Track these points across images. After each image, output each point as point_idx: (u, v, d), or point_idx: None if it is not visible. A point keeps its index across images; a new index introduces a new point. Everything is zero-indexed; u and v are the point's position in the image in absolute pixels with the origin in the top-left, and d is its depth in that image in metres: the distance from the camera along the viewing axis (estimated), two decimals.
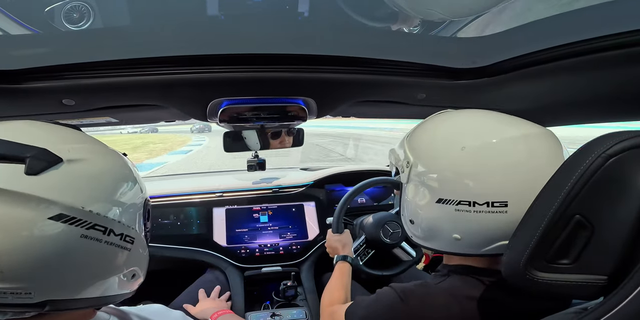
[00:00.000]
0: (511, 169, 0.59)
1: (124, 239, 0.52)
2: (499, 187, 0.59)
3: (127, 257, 0.54)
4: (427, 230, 0.69)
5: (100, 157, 0.53)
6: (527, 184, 0.57)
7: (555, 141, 0.63)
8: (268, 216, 1.63)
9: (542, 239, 0.48)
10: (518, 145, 0.61)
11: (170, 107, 0.87)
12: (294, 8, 0.69)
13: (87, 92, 0.75)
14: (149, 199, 0.63)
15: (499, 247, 0.61)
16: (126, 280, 0.56)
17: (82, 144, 0.53)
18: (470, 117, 0.71)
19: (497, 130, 0.64)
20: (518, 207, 0.57)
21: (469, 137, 0.64)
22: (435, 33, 0.86)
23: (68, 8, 0.64)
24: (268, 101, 0.91)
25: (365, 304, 0.72)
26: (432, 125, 0.73)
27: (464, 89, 0.89)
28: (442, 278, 0.68)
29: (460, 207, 0.61)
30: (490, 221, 0.60)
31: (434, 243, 0.70)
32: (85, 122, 0.96)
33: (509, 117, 0.68)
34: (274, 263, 1.52)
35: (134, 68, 0.69)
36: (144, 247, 0.61)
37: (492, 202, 0.59)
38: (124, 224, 0.52)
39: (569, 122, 0.92)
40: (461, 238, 0.64)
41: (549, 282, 0.49)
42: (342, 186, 1.76)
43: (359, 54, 0.76)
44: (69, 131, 0.56)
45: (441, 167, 0.65)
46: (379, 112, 1.20)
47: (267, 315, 1.25)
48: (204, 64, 0.72)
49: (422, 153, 0.69)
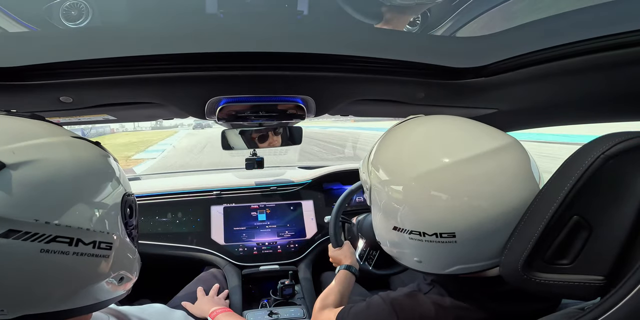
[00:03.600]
0: (458, 200, 0.55)
1: (98, 247, 0.46)
2: (444, 219, 0.57)
3: (108, 264, 0.48)
4: (393, 252, 0.71)
5: (57, 155, 0.45)
6: (476, 214, 0.55)
7: (519, 157, 0.58)
8: (266, 214, 1.63)
9: (541, 240, 0.49)
10: (471, 170, 0.56)
11: (169, 105, 0.86)
12: (293, 6, 0.69)
13: (84, 90, 0.75)
14: (131, 193, 0.56)
15: (460, 269, 0.61)
16: (114, 285, 0.52)
17: (32, 140, 0.44)
18: (429, 134, 0.65)
19: (450, 151, 0.58)
20: (467, 237, 0.56)
21: (419, 163, 0.60)
22: (434, 32, 0.86)
23: (66, 5, 0.63)
24: (266, 99, 0.91)
25: (355, 312, 0.72)
26: (390, 143, 0.69)
27: (462, 89, 0.89)
28: (429, 287, 0.67)
29: (412, 236, 0.61)
30: (443, 249, 0.59)
31: (402, 262, 0.70)
32: (83, 120, 0.96)
33: (474, 130, 0.62)
34: (271, 261, 1.53)
35: (132, 65, 0.69)
36: (130, 249, 0.55)
37: (440, 233, 0.57)
38: (94, 230, 0.45)
39: (567, 122, 0.92)
40: (422, 262, 0.64)
41: (547, 282, 0.49)
42: (340, 185, 1.77)
43: (358, 53, 0.76)
44: (18, 125, 0.47)
45: (392, 196, 0.62)
46: (377, 111, 1.20)
47: (265, 314, 1.25)
48: (202, 62, 0.71)
49: (377, 178, 0.66)
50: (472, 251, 0.58)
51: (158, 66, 0.70)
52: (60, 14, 0.64)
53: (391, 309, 0.66)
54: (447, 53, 0.85)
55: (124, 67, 0.69)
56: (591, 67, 0.67)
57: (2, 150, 0.40)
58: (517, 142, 0.60)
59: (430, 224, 0.58)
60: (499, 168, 0.56)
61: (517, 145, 0.59)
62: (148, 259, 1.65)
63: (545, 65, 0.72)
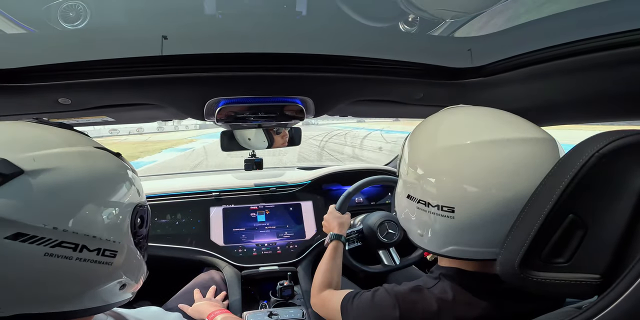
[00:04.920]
0: (464, 177, 0.58)
1: (102, 254, 0.47)
2: (448, 193, 0.59)
3: (109, 271, 0.50)
4: (402, 221, 0.75)
5: (74, 164, 0.47)
6: (479, 195, 0.57)
7: (543, 153, 0.57)
8: (265, 215, 1.63)
9: (537, 238, 0.49)
10: (490, 151, 0.57)
11: (167, 106, 0.87)
12: (292, 7, 0.69)
13: (83, 91, 0.75)
14: (144, 204, 0.58)
15: (456, 251, 0.63)
16: (116, 291, 0.53)
17: (53, 149, 0.47)
18: (467, 114, 0.67)
19: (477, 132, 0.61)
20: (464, 215, 0.58)
21: (444, 137, 0.63)
22: (432, 33, 0.87)
23: (64, 7, 0.64)
24: (265, 100, 0.91)
25: (358, 303, 0.73)
26: (429, 120, 0.72)
27: (460, 89, 0.90)
28: (434, 281, 0.68)
29: (419, 206, 0.64)
30: (441, 223, 0.62)
31: (410, 235, 0.74)
32: (81, 122, 0.96)
33: (510, 119, 0.64)
34: (271, 262, 1.52)
35: (130, 67, 0.69)
36: (135, 257, 0.56)
37: (442, 206, 0.60)
38: (101, 238, 0.47)
39: (565, 122, 0.92)
40: (422, 235, 0.67)
41: (543, 281, 0.49)
42: (340, 185, 1.77)
43: (357, 53, 0.77)
44: (43, 133, 0.50)
45: (413, 165, 0.66)
46: (376, 111, 1.21)
47: (265, 315, 1.24)
48: (201, 63, 0.71)
49: (407, 148, 0.71)
50: (468, 232, 0.60)
51: (156, 67, 0.70)
52: (58, 15, 0.64)
53: (394, 302, 0.66)
54: (446, 53, 0.85)
55: (122, 68, 0.69)
56: (590, 66, 0.67)
57: (23, 157, 0.43)
58: (552, 141, 0.60)
59: (435, 195, 0.61)
60: (517, 157, 0.56)
61: (550, 142, 0.59)
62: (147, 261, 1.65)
63: (544, 65, 0.73)
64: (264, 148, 1.41)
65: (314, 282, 1.00)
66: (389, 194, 1.80)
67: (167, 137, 24.25)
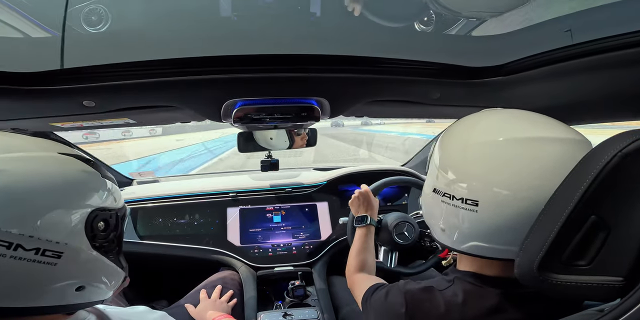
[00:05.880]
0: (494, 171, 0.58)
1: (42, 254, 0.49)
2: (474, 186, 0.59)
3: (54, 271, 0.51)
4: (426, 216, 0.75)
5: (24, 168, 0.50)
6: (506, 192, 0.56)
7: (574, 154, 0.54)
8: (281, 216, 1.64)
9: (557, 241, 0.47)
10: (516, 149, 0.57)
11: (186, 108, 0.88)
12: (306, 8, 0.70)
13: (106, 94, 0.77)
14: (107, 208, 0.59)
15: (476, 247, 0.62)
16: (71, 292, 0.54)
17: (9, 153, 0.50)
18: (503, 114, 0.68)
19: (511, 129, 0.61)
20: (488, 210, 0.58)
21: (477, 134, 0.63)
22: (449, 32, 0.85)
23: (86, 11, 0.66)
24: (281, 101, 0.92)
25: (374, 299, 0.75)
26: (465, 118, 0.72)
27: (479, 88, 0.88)
28: (447, 284, 0.67)
29: (444, 199, 0.64)
30: (463, 217, 0.61)
31: (432, 232, 0.74)
32: (105, 124, 0.99)
33: (545, 120, 0.63)
34: (286, 263, 1.53)
35: (150, 69, 0.71)
36: (96, 260, 0.57)
37: (466, 199, 0.60)
38: (39, 238, 0.48)
39: (590, 121, 0.89)
40: (445, 229, 0.67)
41: (564, 283, 0.48)
42: (356, 186, 1.76)
43: (372, 54, 0.76)
44: (7, 140, 0.54)
45: (443, 159, 0.67)
46: (393, 111, 1.20)
47: (279, 315, 1.25)
48: (218, 65, 0.73)
49: (439, 143, 0.71)
50: (490, 227, 0.59)
51: (175, 70, 0.72)
52: (81, 19, 0.66)
53: (402, 301, 0.67)
54: (463, 52, 0.84)
55: (142, 71, 0.71)
56: (613, 64, 0.65)
57: None
58: (586, 143, 0.58)
59: (459, 188, 0.61)
60: (551, 156, 0.56)
61: (583, 144, 0.57)
62: (166, 261, 1.68)
63: (568, 63, 0.71)
64: (285, 148, 1.42)
65: (348, 263, 1.05)
66: (406, 195, 1.78)
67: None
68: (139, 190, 1.68)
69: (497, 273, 0.64)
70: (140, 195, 1.63)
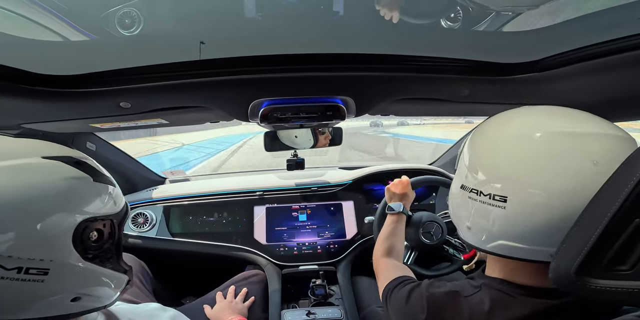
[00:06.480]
0: (527, 167, 0.55)
1: (26, 273, 0.46)
2: (502, 181, 0.57)
3: (43, 287, 0.48)
4: (453, 214, 0.73)
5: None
6: (537, 184, 0.53)
7: (614, 149, 0.52)
8: (307, 215, 1.65)
9: (598, 244, 0.45)
10: (552, 144, 0.54)
11: (215, 108, 0.91)
12: (329, 7, 0.70)
13: (141, 95, 0.81)
14: (99, 217, 0.55)
15: (502, 246, 0.59)
16: (66, 304, 0.52)
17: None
18: (541, 110, 0.65)
19: (550, 124, 0.58)
20: (517, 206, 0.55)
21: (513, 128, 0.61)
22: (477, 28, 0.83)
23: (120, 14, 0.68)
24: (306, 101, 0.93)
25: (395, 298, 0.74)
26: (499, 115, 0.70)
27: (511, 85, 0.85)
28: (473, 290, 0.65)
29: (471, 195, 0.63)
30: (491, 214, 0.59)
31: (459, 231, 0.71)
32: (140, 124, 1.03)
33: (587, 116, 0.60)
34: (311, 261, 1.54)
35: (180, 71, 0.74)
36: (84, 272, 0.53)
37: (494, 195, 0.58)
38: (19, 257, 0.45)
39: (632, 118, 0.84)
40: (471, 227, 0.64)
41: (603, 288, 0.45)
42: (381, 185, 1.74)
43: (397, 51, 0.75)
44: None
45: (473, 155, 0.65)
46: (419, 110, 1.17)
47: (303, 314, 1.26)
48: (244, 65, 0.74)
49: (469, 139, 0.69)
50: (519, 225, 0.56)
51: (203, 71, 0.74)
52: (115, 22, 0.69)
53: (424, 306, 0.65)
54: (494, 48, 0.81)
55: (173, 72, 0.74)
56: None
57: None
58: (631, 140, 0.55)
59: (487, 183, 0.59)
60: (588, 152, 0.53)
61: (628, 142, 0.55)
62: (195, 258, 1.74)
63: (608, 58, 0.67)
64: (309, 147, 1.43)
65: (375, 248, 1.05)
66: (433, 194, 1.75)
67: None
68: (171, 189, 1.75)
69: (528, 281, 0.61)
70: (173, 193, 1.69)
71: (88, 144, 1.41)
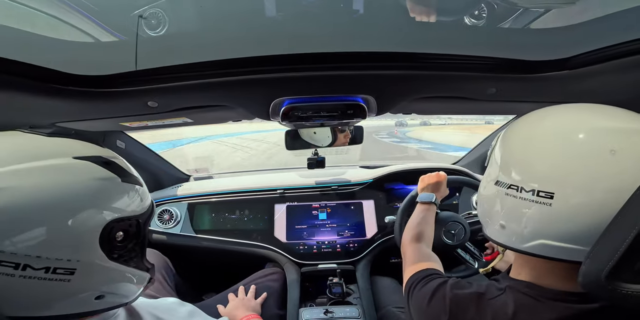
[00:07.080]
0: (573, 161, 0.53)
1: (54, 272, 0.48)
2: (549, 176, 0.54)
3: (69, 286, 0.50)
4: (483, 212, 0.70)
5: (31, 183, 0.47)
6: (585, 181, 0.51)
7: None
8: (327, 213, 1.65)
9: (632, 248, 0.42)
10: (601, 138, 0.52)
11: (237, 107, 0.93)
12: (349, 6, 0.69)
13: (168, 94, 0.83)
14: (125, 218, 0.56)
15: (541, 247, 0.56)
16: (90, 301, 0.54)
17: (13, 165, 0.47)
18: (579, 106, 0.63)
19: (590, 120, 0.56)
20: (564, 203, 0.52)
21: (550, 122, 0.59)
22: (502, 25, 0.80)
23: (147, 15, 0.70)
24: (327, 99, 0.93)
25: (418, 295, 0.72)
26: (534, 112, 0.68)
27: (541, 83, 0.82)
28: (497, 292, 0.62)
29: (509, 191, 0.60)
30: (534, 211, 0.56)
31: (487, 229, 0.69)
32: (166, 123, 1.07)
33: (626, 112, 0.57)
34: (330, 260, 1.54)
35: (204, 71, 0.75)
36: (109, 271, 0.55)
37: (539, 191, 0.55)
38: (48, 258, 0.47)
39: None
40: (505, 226, 0.61)
41: (636, 293, 0.43)
42: (402, 185, 1.72)
43: (419, 49, 0.74)
44: (15, 147, 0.51)
45: (508, 149, 0.63)
46: (442, 108, 1.15)
47: (321, 312, 1.26)
48: (266, 65, 0.75)
49: (502, 137, 0.67)
50: (564, 223, 0.53)
51: (227, 70, 0.75)
52: (142, 23, 0.71)
53: (446, 307, 0.64)
54: (522, 46, 0.79)
55: (197, 72, 0.75)
56: None
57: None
58: None
59: (533, 178, 0.56)
60: (629, 149, 0.50)
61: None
62: (217, 254, 1.77)
63: (638, 56, 0.63)
64: (327, 144, 1.43)
65: (404, 234, 1.04)
66: (457, 194, 1.71)
67: None
68: (195, 186, 1.79)
69: (556, 285, 0.58)
70: (197, 190, 1.73)
71: (118, 142, 1.47)
